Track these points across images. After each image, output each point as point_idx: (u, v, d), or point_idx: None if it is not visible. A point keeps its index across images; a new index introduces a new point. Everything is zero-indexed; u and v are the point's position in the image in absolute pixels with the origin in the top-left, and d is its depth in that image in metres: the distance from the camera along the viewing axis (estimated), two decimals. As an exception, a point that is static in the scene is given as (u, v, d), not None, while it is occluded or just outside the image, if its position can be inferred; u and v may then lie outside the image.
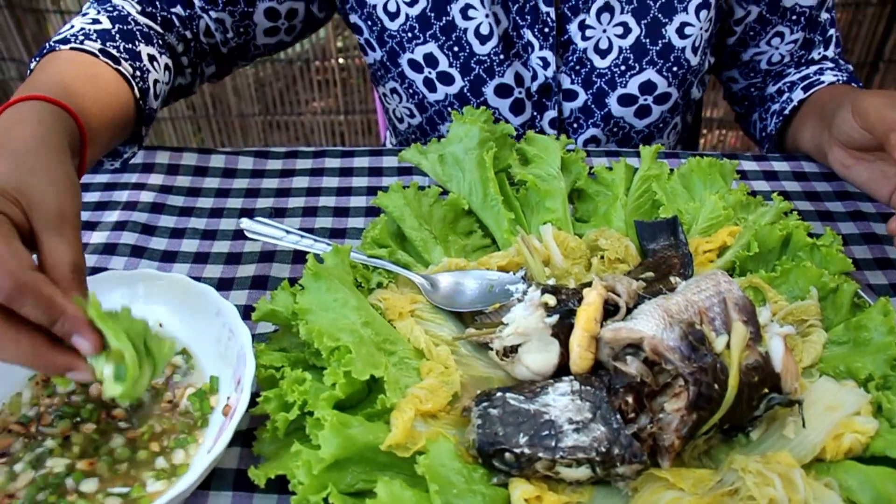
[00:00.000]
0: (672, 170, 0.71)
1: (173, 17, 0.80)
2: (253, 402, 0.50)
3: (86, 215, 0.75)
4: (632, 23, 0.81)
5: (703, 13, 0.81)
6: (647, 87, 0.84)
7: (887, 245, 0.72)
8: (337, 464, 0.45)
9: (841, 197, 0.78)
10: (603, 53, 0.82)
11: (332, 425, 0.45)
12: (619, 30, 0.81)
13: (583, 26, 0.81)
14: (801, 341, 0.57)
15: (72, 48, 0.67)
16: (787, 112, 0.88)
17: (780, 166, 0.81)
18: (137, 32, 0.73)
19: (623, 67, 0.83)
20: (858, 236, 0.73)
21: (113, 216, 0.74)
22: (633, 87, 0.84)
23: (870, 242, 0.72)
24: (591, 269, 0.63)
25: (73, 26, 0.71)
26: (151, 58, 0.72)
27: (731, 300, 0.50)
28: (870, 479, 0.46)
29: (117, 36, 0.71)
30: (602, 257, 0.63)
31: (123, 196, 0.77)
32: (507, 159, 0.70)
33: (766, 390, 0.49)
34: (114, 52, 0.68)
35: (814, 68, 0.92)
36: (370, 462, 0.46)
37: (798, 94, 0.89)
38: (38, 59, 0.68)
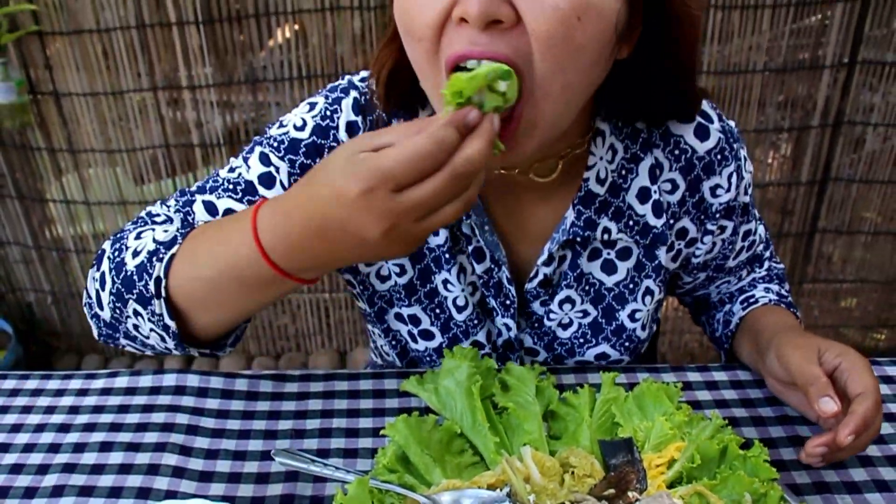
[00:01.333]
0: (630, 388, 0.86)
1: None
2: None
3: (127, 436, 0.87)
4: (590, 308, 0.95)
5: (649, 299, 0.96)
6: (602, 355, 0.98)
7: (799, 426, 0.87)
8: None
9: (770, 403, 0.93)
10: (565, 327, 0.96)
11: None
12: (580, 313, 0.95)
13: (547, 311, 0.95)
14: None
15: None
16: (732, 328, 1.03)
17: (719, 376, 0.97)
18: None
19: (581, 340, 0.97)
20: (785, 439, 0.87)
21: (153, 437, 0.87)
22: (589, 355, 0.97)
23: (795, 444, 0.87)
24: (563, 484, 0.76)
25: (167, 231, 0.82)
26: None
27: (674, 520, 0.64)
28: None
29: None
30: (573, 473, 0.77)
31: (161, 418, 0.89)
32: (491, 388, 0.84)
33: None
34: None
35: (748, 280, 1.07)
36: None
37: (738, 310, 1.03)
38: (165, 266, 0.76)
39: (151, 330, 0.79)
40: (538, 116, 0.71)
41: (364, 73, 0.90)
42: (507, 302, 0.94)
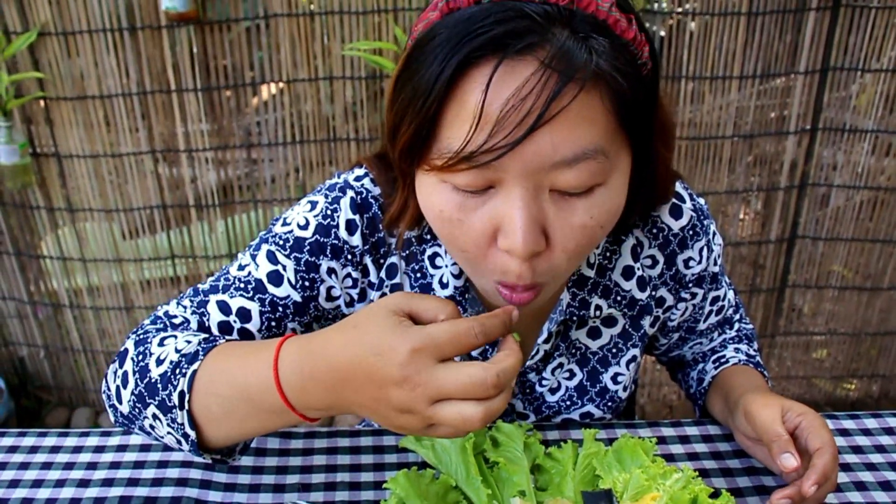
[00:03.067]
0: (610, 443, 0.94)
1: None
2: None
3: (145, 491, 0.94)
4: (576, 370, 1.03)
5: (632, 365, 1.05)
6: (586, 415, 1.06)
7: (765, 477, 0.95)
8: None
9: (738, 455, 1.01)
10: (553, 391, 1.04)
11: None
12: (567, 374, 1.04)
13: (540, 379, 1.03)
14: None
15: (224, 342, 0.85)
16: (705, 385, 1.11)
17: (691, 431, 1.05)
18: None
19: (568, 402, 1.04)
20: (752, 489, 0.96)
21: (169, 491, 0.93)
22: (574, 415, 1.05)
23: (761, 494, 0.95)
24: (550, 532, 0.83)
25: (189, 341, 0.85)
26: None
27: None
28: None
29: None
30: (558, 522, 0.84)
31: (175, 473, 0.96)
32: (483, 444, 0.92)
33: None
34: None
35: (720, 340, 1.16)
36: None
37: (710, 369, 1.12)
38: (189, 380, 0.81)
39: (168, 433, 0.84)
40: (557, 283, 0.83)
41: (358, 172, 0.97)
42: None
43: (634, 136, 0.77)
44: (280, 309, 0.95)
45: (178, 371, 0.82)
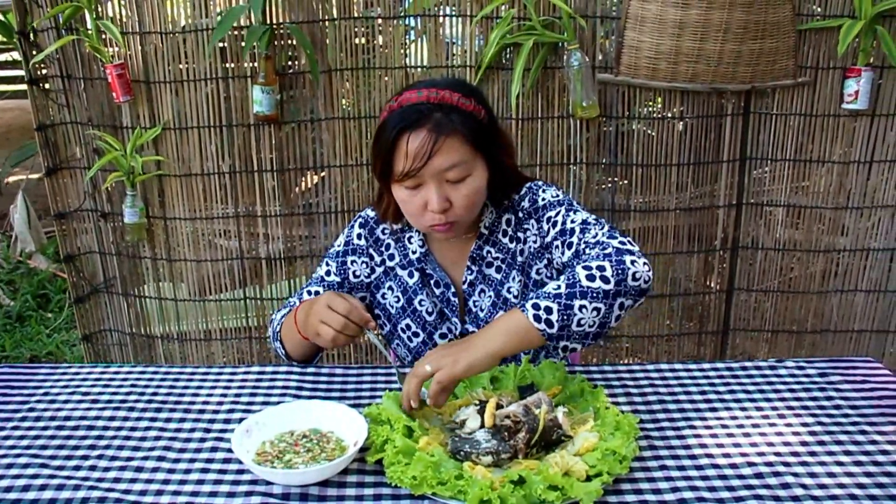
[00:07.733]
0: (533, 363, 1.59)
1: None
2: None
3: (265, 386, 1.59)
4: (492, 294, 1.70)
5: (518, 283, 1.69)
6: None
7: (632, 389, 1.58)
8: (403, 452, 1.27)
9: (620, 379, 1.64)
10: (482, 310, 1.70)
11: (403, 440, 1.28)
12: (488, 299, 1.70)
13: (474, 303, 1.71)
14: (583, 426, 1.41)
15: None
16: None
17: (594, 368, 1.69)
18: None
19: (490, 314, 1.70)
20: (623, 394, 1.59)
21: (278, 390, 1.59)
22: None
23: (628, 397, 1.58)
24: (498, 403, 1.48)
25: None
26: None
27: (544, 399, 1.36)
28: (592, 457, 1.29)
29: None
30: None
31: (280, 383, 1.62)
32: (463, 361, 1.58)
33: (557, 429, 1.33)
34: None
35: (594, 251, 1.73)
36: (413, 451, 1.29)
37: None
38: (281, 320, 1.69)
39: (279, 350, 1.69)
40: (461, 226, 1.59)
41: (367, 209, 1.78)
42: (453, 308, 1.73)
43: (484, 151, 1.55)
44: (332, 287, 1.75)
45: (281, 318, 1.66)
